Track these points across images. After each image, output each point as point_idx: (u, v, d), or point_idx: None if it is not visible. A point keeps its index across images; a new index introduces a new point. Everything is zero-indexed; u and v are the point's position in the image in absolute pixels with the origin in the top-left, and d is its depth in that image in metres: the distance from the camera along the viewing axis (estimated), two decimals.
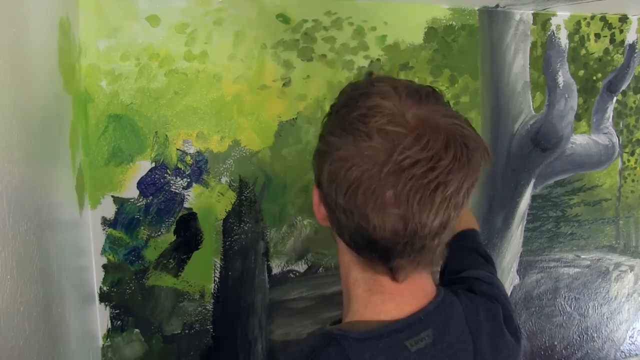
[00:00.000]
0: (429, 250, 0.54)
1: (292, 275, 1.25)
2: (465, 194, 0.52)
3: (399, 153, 0.49)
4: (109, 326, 1.10)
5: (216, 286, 1.18)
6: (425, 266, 0.57)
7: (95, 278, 1.08)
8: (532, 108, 1.42)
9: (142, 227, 1.10)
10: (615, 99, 1.52)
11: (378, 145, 0.50)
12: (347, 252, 0.59)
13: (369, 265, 0.57)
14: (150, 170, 1.10)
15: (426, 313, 0.58)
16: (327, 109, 0.62)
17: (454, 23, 1.30)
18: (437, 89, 0.57)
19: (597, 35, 1.46)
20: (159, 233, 1.12)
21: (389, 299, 0.58)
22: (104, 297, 1.09)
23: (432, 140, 0.49)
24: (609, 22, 1.47)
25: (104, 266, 1.09)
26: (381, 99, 0.53)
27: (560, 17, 1.41)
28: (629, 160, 1.58)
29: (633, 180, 1.59)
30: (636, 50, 1.52)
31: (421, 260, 0.56)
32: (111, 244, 1.09)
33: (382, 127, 0.50)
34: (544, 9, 1.36)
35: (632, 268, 1.63)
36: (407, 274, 0.56)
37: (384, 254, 0.54)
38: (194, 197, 1.13)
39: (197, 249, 1.15)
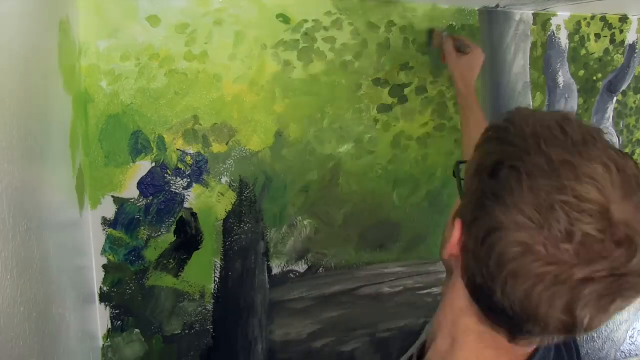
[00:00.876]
0: None
1: (292, 275, 1.25)
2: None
3: (595, 266, 0.43)
4: (109, 326, 1.10)
5: (216, 286, 1.18)
6: None
7: (95, 278, 1.08)
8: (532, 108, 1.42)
9: (142, 227, 1.10)
10: (615, 99, 1.52)
11: (575, 251, 0.43)
12: (465, 299, 0.53)
13: (487, 323, 0.52)
14: (150, 170, 1.10)
15: None
16: (327, 109, 0.58)
17: (454, 23, 1.30)
18: (638, 164, 0.48)
19: (597, 35, 1.46)
20: (159, 233, 1.12)
21: (503, 354, 0.54)
22: (104, 297, 1.09)
23: (637, 257, 0.44)
24: (609, 22, 1.47)
25: (104, 266, 1.09)
26: (594, 187, 0.44)
27: (560, 17, 1.41)
28: None
29: None
30: (636, 50, 1.52)
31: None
32: (111, 244, 1.09)
33: (589, 232, 0.43)
34: (544, 9, 1.36)
35: None
36: (529, 342, 0.53)
37: (520, 331, 0.50)
38: (194, 197, 1.13)
39: (197, 249, 1.15)
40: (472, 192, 0.52)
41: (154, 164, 1.10)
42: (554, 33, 1.41)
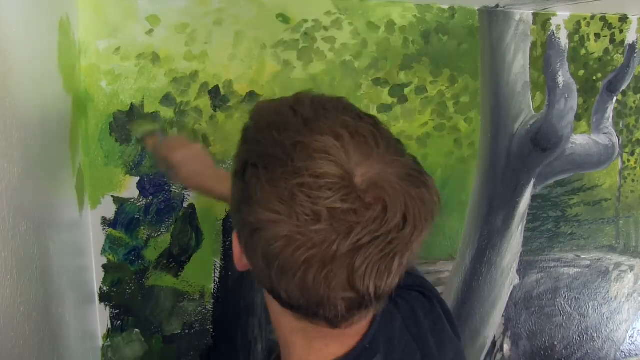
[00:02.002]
0: (381, 303, 0.50)
1: None
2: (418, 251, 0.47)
3: (356, 233, 0.42)
4: (109, 326, 1.10)
5: (216, 286, 1.18)
6: (375, 311, 0.53)
7: (95, 278, 1.08)
8: (532, 108, 1.42)
9: (142, 227, 1.10)
10: (615, 99, 1.52)
11: (330, 228, 0.42)
12: (277, 304, 0.51)
13: (303, 318, 0.50)
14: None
15: (370, 339, 0.54)
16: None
17: (454, 23, 1.30)
18: (378, 122, 0.48)
19: (597, 35, 1.46)
20: (159, 233, 1.12)
21: (331, 341, 0.54)
22: (104, 297, 1.09)
23: (391, 213, 0.43)
24: (609, 22, 1.47)
25: (104, 266, 1.09)
26: (327, 160, 0.43)
27: (560, 17, 1.41)
28: (629, 160, 1.58)
29: (633, 180, 1.59)
30: (636, 50, 1.52)
31: (373, 310, 0.51)
32: (111, 244, 1.09)
33: (333, 206, 0.42)
34: (544, 9, 1.36)
35: (632, 268, 1.63)
36: (351, 324, 0.51)
37: (330, 321, 0.49)
38: (194, 197, 1.13)
39: (197, 249, 1.15)
40: (233, 199, 0.51)
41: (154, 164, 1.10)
42: (554, 33, 1.41)
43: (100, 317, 1.09)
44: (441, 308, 0.65)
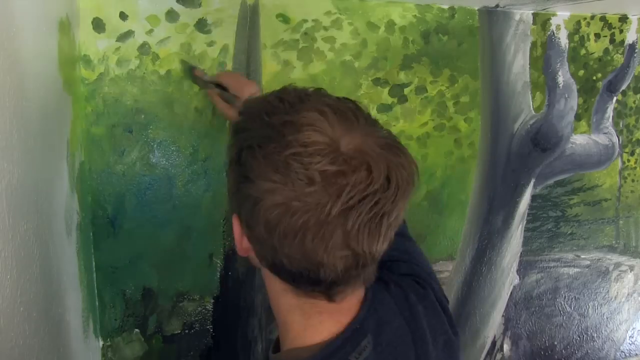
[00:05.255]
0: (371, 268, 0.55)
1: None
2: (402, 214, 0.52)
3: (346, 194, 0.47)
4: (109, 326, 1.10)
5: (216, 286, 1.18)
6: (364, 281, 0.57)
7: (95, 278, 1.08)
8: (532, 108, 1.42)
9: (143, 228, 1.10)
10: (615, 99, 1.52)
11: (322, 190, 0.47)
12: (277, 282, 0.57)
13: (304, 292, 0.56)
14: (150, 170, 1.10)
15: (361, 320, 0.58)
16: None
17: (454, 23, 1.30)
18: (356, 103, 0.55)
19: (597, 35, 1.46)
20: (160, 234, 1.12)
21: (327, 318, 0.57)
22: (104, 297, 1.09)
23: (375, 174, 0.48)
24: (609, 22, 1.47)
25: (104, 266, 1.09)
26: (313, 131, 0.48)
27: (560, 17, 1.41)
28: (629, 160, 1.58)
29: (633, 180, 1.59)
30: (636, 50, 1.52)
31: (363, 279, 0.55)
32: (111, 243, 1.08)
33: (324, 168, 0.47)
34: (544, 9, 1.36)
35: (632, 268, 1.63)
36: (345, 295, 0.56)
37: (328, 287, 0.53)
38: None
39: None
40: (231, 185, 0.56)
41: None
42: (554, 33, 1.41)
43: (100, 318, 1.09)
44: (434, 295, 0.67)
